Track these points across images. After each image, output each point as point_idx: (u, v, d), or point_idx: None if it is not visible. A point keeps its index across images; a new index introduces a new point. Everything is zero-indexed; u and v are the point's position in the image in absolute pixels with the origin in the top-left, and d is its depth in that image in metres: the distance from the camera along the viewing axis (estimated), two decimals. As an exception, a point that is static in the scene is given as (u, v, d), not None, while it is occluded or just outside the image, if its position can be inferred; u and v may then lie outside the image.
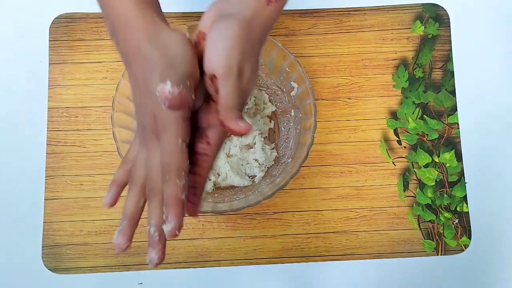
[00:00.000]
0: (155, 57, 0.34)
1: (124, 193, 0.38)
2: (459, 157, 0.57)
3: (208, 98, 0.37)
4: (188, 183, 0.37)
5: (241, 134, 0.35)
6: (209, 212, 0.47)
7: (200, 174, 0.37)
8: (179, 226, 0.34)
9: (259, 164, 0.53)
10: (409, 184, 0.56)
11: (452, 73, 0.59)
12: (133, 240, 0.54)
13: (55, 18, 0.58)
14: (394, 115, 0.57)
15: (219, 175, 0.54)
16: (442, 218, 0.55)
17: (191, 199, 0.37)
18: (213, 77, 0.34)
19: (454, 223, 0.55)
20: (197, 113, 0.37)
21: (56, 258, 0.53)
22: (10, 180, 0.55)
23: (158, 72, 0.33)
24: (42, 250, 0.53)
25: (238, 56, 0.34)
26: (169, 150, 0.34)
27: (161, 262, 0.35)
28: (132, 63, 0.35)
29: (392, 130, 0.57)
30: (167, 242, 0.54)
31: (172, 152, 0.34)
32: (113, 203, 0.38)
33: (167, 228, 0.34)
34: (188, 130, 0.35)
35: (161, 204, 0.35)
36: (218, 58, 0.34)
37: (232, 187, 0.54)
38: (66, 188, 0.55)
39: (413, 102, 0.58)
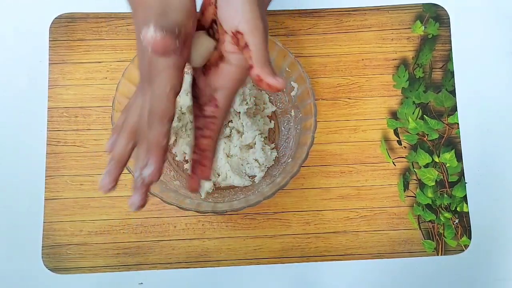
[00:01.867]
0: (154, 3, 0.34)
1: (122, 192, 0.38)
2: (459, 157, 0.57)
3: (214, 62, 0.38)
4: (199, 147, 0.39)
5: (278, 90, 0.35)
6: (209, 212, 0.47)
7: (210, 137, 0.39)
8: (158, 171, 0.35)
9: (259, 164, 0.53)
10: (409, 184, 0.56)
11: (452, 73, 0.59)
12: (133, 240, 0.54)
13: (55, 18, 0.58)
14: (394, 115, 0.57)
15: (219, 175, 0.54)
16: (442, 218, 0.55)
17: (202, 161, 0.39)
18: (238, 33, 0.35)
19: (454, 223, 0.55)
20: (204, 79, 0.38)
21: (56, 258, 0.53)
22: (10, 180, 0.55)
23: (153, 18, 0.34)
24: (42, 250, 0.53)
25: (258, 8, 0.35)
26: (156, 96, 0.35)
27: (142, 206, 0.36)
28: (136, 10, 0.36)
29: (392, 130, 0.57)
30: (169, 241, 0.55)
31: (158, 98, 0.34)
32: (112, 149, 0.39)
33: (146, 171, 0.35)
34: (179, 80, 0.35)
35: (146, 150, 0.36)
36: (240, 14, 0.34)
37: (232, 187, 0.54)
38: (66, 188, 0.55)
39: (413, 102, 0.58)
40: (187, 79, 0.52)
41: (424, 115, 0.57)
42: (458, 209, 0.56)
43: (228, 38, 0.36)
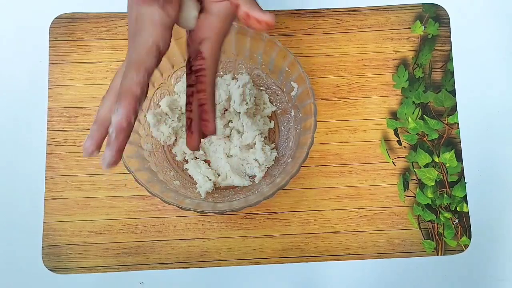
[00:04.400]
0: None
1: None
2: (459, 157, 0.57)
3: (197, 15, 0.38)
4: (197, 103, 0.39)
5: (268, 25, 0.35)
6: (209, 212, 0.47)
7: (203, 90, 0.39)
8: (126, 118, 0.33)
9: (259, 164, 0.53)
10: (409, 184, 0.56)
11: (452, 73, 0.59)
12: (133, 240, 0.54)
13: (55, 18, 0.58)
14: (394, 115, 0.57)
15: (219, 175, 0.54)
16: (442, 218, 0.55)
17: (204, 116, 0.39)
18: None
19: (454, 223, 0.55)
20: (189, 36, 0.38)
21: (56, 258, 0.53)
22: (10, 180, 0.55)
23: None
24: (42, 250, 0.53)
25: None
26: (137, 47, 0.35)
27: (114, 164, 0.35)
28: None
29: (392, 130, 0.57)
30: (169, 241, 0.55)
31: (138, 48, 0.34)
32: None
33: (115, 118, 0.33)
34: (164, 39, 0.35)
35: None
36: None
37: (232, 187, 0.54)
38: (66, 188, 0.55)
39: (413, 102, 0.58)
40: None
41: (424, 115, 0.57)
42: (458, 209, 0.56)
43: None
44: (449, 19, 0.60)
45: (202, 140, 0.42)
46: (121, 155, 0.35)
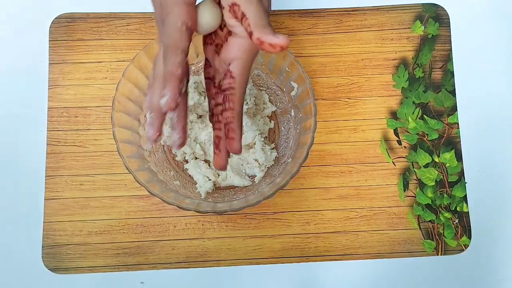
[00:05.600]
0: None
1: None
2: (459, 157, 0.57)
3: (224, 38, 0.40)
4: (223, 121, 0.40)
5: (282, 48, 0.36)
6: (209, 212, 0.47)
7: (232, 109, 0.40)
8: (174, 100, 0.36)
9: (259, 164, 0.53)
10: (409, 184, 0.56)
11: (452, 73, 0.59)
12: (133, 240, 0.54)
13: (55, 18, 0.58)
14: (394, 115, 0.57)
15: (219, 175, 0.54)
16: (442, 218, 0.55)
17: (230, 135, 0.40)
18: (234, 6, 0.37)
19: (454, 223, 0.55)
20: (218, 58, 0.40)
21: (56, 258, 0.53)
22: (10, 180, 0.55)
23: None
24: (42, 250, 0.53)
25: None
26: (168, 31, 0.36)
27: (183, 144, 0.40)
28: None
29: (392, 130, 0.57)
30: (169, 241, 0.55)
31: (170, 32, 0.36)
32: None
33: (163, 100, 0.36)
34: (190, 15, 0.37)
35: None
36: None
37: (232, 187, 0.54)
38: (66, 188, 0.55)
39: (413, 102, 0.58)
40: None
41: (424, 115, 0.57)
42: (458, 209, 0.56)
43: (227, 14, 0.38)
44: (449, 19, 0.60)
45: (202, 141, 0.42)
46: (186, 133, 0.40)
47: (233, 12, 0.37)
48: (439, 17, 0.60)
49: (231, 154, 0.44)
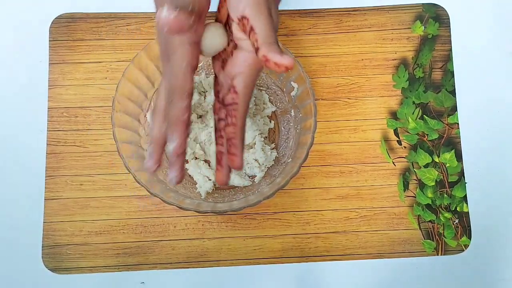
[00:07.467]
0: None
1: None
2: (459, 157, 0.57)
3: (230, 52, 0.39)
4: (225, 136, 0.40)
5: (287, 68, 0.35)
6: (209, 212, 0.47)
7: (234, 124, 0.39)
8: (181, 145, 0.37)
9: (259, 164, 0.53)
10: (409, 184, 0.56)
11: (452, 73, 0.59)
12: (133, 240, 0.54)
13: (55, 18, 0.58)
14: (394, 115, 0.57)
15: (219, 175, 0.54)
16: (442, 218, 0.55)
17: (231, 150, 0.40)
18: (243, 19, 0.36)
19: (454, 223, 0.55)
20: (223, 72, 0.40)
21: (56, 258, 0.53)
22: (10, 180, 0.55)
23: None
24: (42, 250, 0.53)
25: None
26: (174, 73, 0.36)
27: (180, 181, 0.40)
28: None
29: (392, 130, 0.57)
30: (169, 241, 0.55)
31: (176, 74, 0.36)
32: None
33: (169, 147, 0.37)
34: (195, 55, 0.37)
35: None
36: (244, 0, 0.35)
37: (232, 187, 0.54)
38: (66, 188, 0.55)
39: (413, 102, 0.58)
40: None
41: (424, 115, 0.57)
42: (458, 209, 0.56)
43: (236, 26, 0.37)
44: (449, 19, 0.60)
45: (202, 141, 0.42)
46: (183, 171, 0.40)
47: (242, 26, 0.36)
48: (439, 17, 0.60)
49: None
